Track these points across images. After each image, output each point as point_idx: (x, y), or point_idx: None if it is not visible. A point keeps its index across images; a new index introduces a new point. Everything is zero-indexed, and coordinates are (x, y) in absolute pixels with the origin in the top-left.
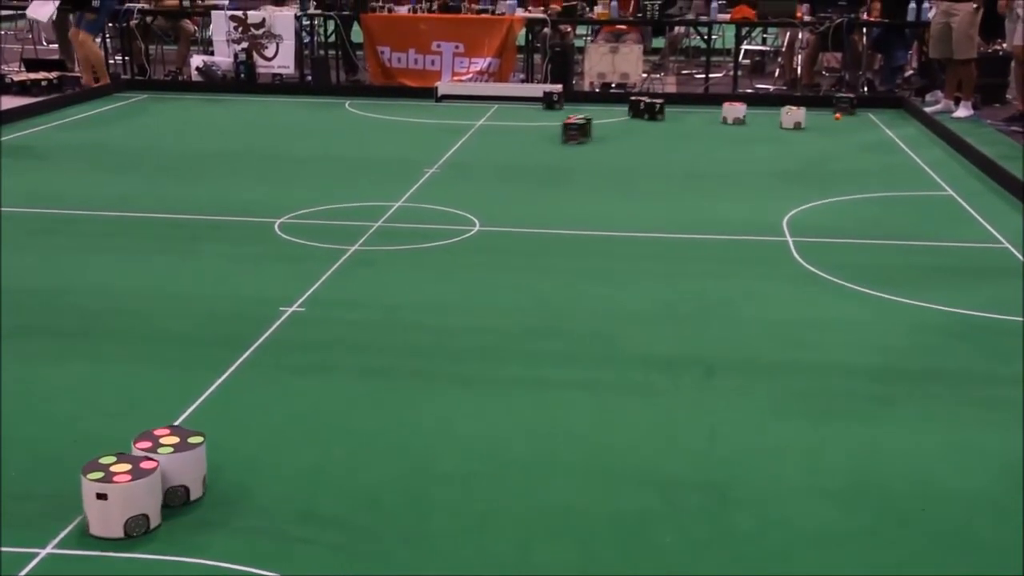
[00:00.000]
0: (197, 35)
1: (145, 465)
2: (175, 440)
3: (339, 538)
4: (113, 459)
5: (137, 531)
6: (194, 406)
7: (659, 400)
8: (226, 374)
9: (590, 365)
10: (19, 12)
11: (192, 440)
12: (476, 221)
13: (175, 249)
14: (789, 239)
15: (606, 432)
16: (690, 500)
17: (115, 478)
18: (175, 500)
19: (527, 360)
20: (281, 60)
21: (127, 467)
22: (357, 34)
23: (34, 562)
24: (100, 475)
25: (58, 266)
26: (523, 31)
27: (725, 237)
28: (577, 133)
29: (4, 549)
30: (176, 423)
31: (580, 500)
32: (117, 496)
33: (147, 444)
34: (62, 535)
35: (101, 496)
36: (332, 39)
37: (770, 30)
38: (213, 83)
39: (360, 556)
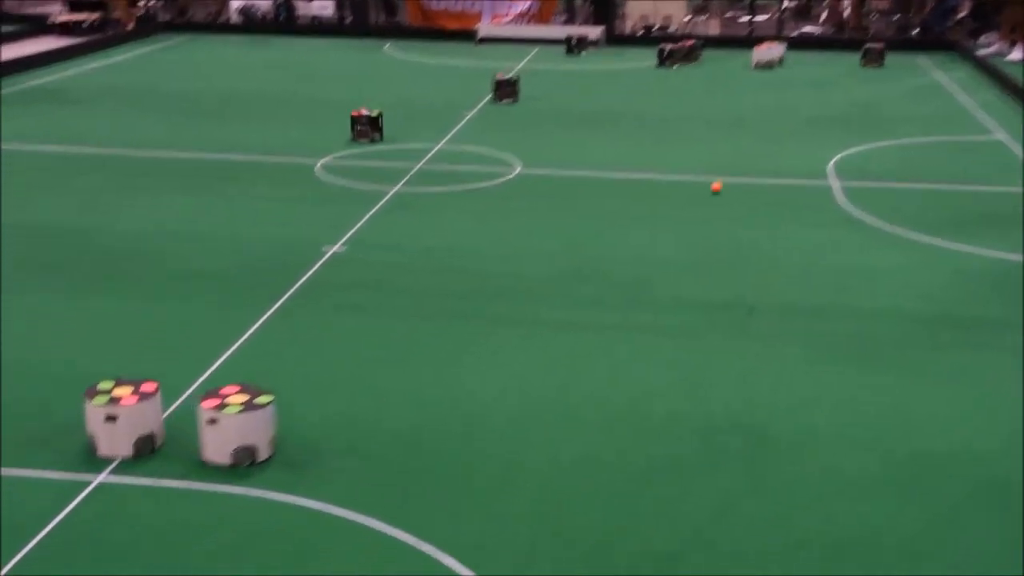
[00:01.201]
0: None
1: (260, 399)
2: (244, 398)
3: (378, 475)
4: (112, 383)
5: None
6: (235, 346)
7: (696, 345)
8: (267, 314)
9: (627, 309)
10: None
11: (261, 401)
12: (516, 164)
13: (215, 190)
14: (833, 184)
15: (642, 376)
16: (727, 445)
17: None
18: (244, 460)
19: (564, 303)
20: (320, 2)
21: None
22: None
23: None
24: (216, 403)
25: (100, 205)
26: None
27: (767, 181)
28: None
29: (48, 475)
30: (218, 362)
31: (615, 443)
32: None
33: (215, 402)
34: (113, 464)
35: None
36: None
37: None
38: (252, 25)
39: (398, 494)
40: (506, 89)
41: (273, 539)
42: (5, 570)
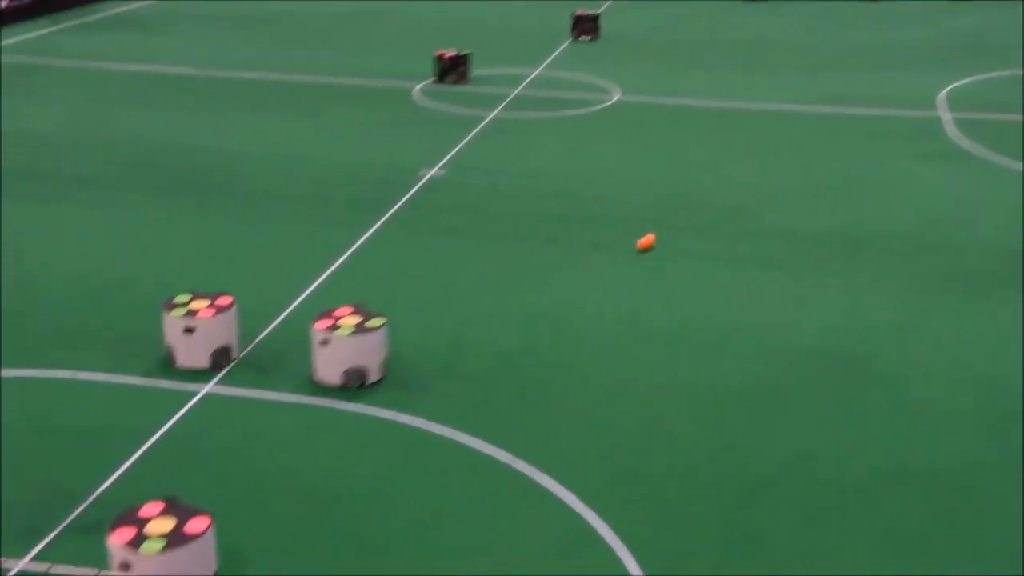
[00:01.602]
0: None
1: (372, 322)
2: (356, 320)
3: (477, 395)
4: (189, 296)
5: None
6: (334, 266)
7: (799, 274)
8: (365, 236)
9: (729, 237)
10: None
11: (372, 324)
12: (614, 91)
13: (312, 112)
14: (943, 115)
15: (742, 304)
16: (828, 373)
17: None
18: (354, 381)
19: (664, 231)
20: None
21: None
22: None
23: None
24: (329, 324)
25: (200, 124)
26: None
27: (876, 112)
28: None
29: (165, 384)
30: (317, 282)
31: (714, 370)
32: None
33: (327, 323)
34: (219, 376)
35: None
36: None
37: None
38: None
39: (498, 414)
40: (586, 25)
41: (374, 454)
42: (117, 474)
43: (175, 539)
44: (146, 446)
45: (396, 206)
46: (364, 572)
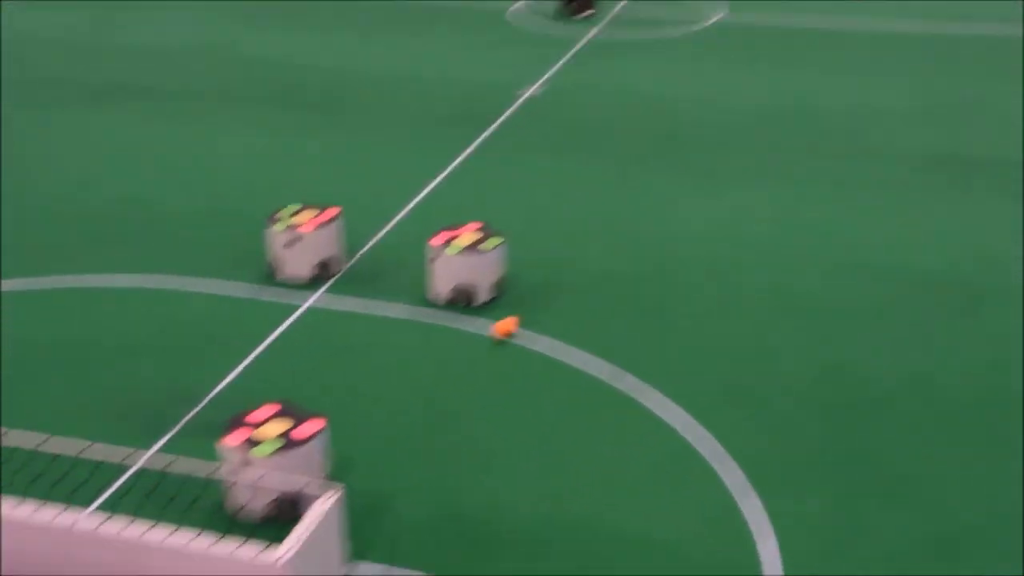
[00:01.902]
0: None
1: (486, 244)
2: (473, 239)
3: (581, 311)
4: (296, 208)
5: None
6: (432, 184)
7: (910, 196)
8: (463, 154)
9: (839, 158)
10: None
11: (486, 246)
12: (720, 9)
13: (409, 32)
14: None
15: (851, 224)
16: (944, 295)
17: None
18: (461, 299)
19: (772, 150)
20: None
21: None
22: None
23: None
24: (443, 240)
25: (309, 44)
26: None
27: (994, 31)
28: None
29: (271, 298)
30: (415, 200)
31: (820, 288)
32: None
33: (442, 239)
34: (322, 290)
35: (291, 243)
36: None
37: None
38: None
39: (603, 328)
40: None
41: (479, 368)
42: (227, 379)
43: (287, 442)
44: (253, 354)
45: (494, 125)
46: (469, 483)
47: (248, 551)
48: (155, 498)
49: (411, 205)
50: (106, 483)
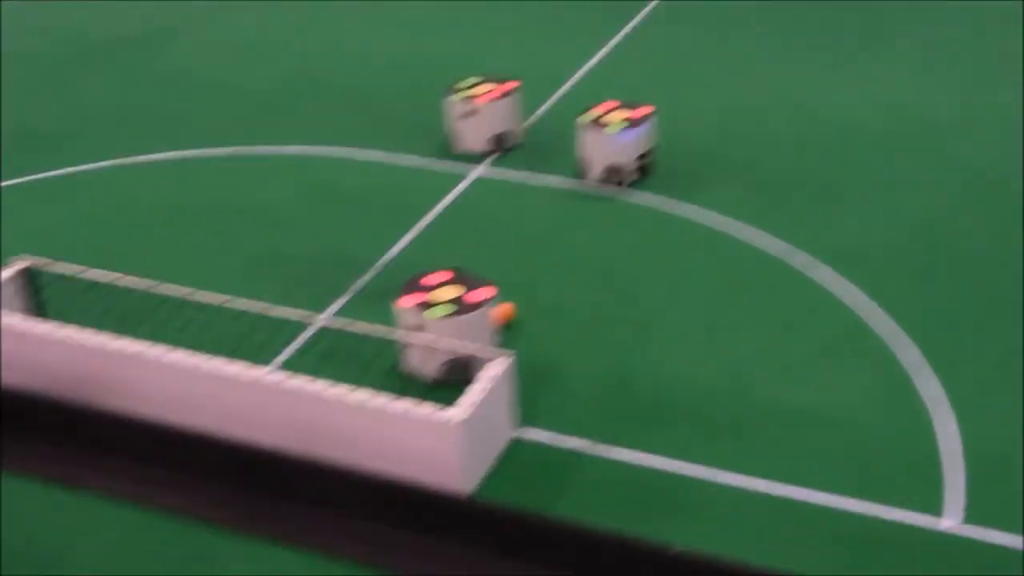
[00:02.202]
0: None
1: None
2: (624, 115)
3: (750, 185)
4: (476, 80)
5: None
6: (596, 57)
7: None
8: (624, 29)
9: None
10: None
11: (628, 122)
12: None
13: None
14: None
15: None
16: None
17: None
18: (613, 178)
19: (946, 22)
20: None
21: (490, 87)
22: None
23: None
24: (465, 94)
25: None
26: None
27: None
28: None
29: (441, 166)
30: (579, 73)
31: (1008, 168)
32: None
33: (594, 114)
34: (490, 159)
35: (468, 114)
36: None
37: None
38: None
39: (772, 203)
40: None
41: (646, 241)
42: (399, 245)
43: (460, 307)
44: (424, 222)
45: (652, 4)
46: (636, 354)
47: (424, 410)
48: (332, 358)
49: (570, 82)
50: (285, 344)
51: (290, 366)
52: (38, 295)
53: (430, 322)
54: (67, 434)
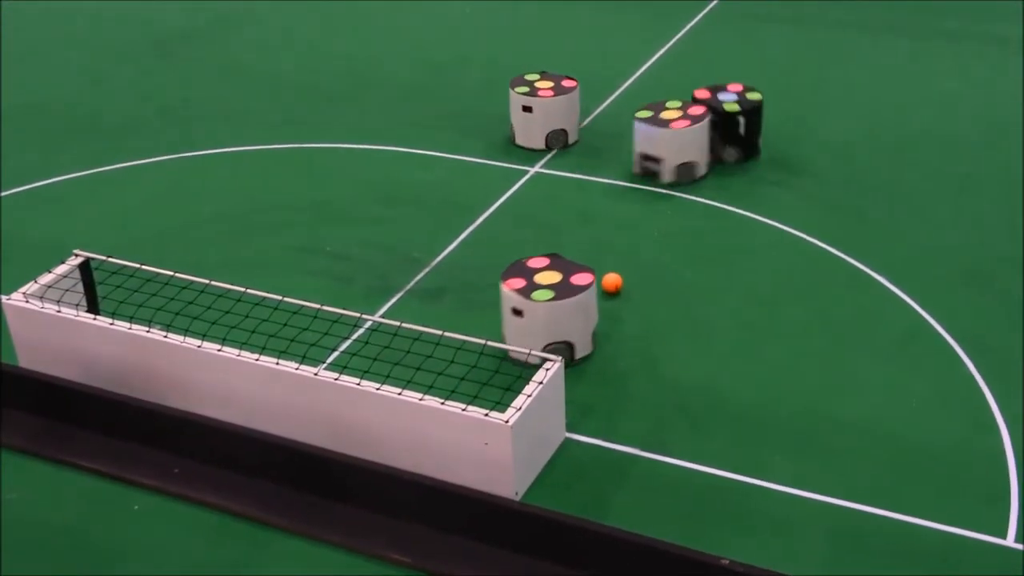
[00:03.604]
0: None
1: (566, 83)
2: (677, 112)
3: (813, 187)
4: (537, 76)
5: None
6: (662, 51)
7: None
8: (691, 23)
9: None
10: None
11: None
12: None
13: None
14: None
15: None
16: None
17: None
18: (685, 178)
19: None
20: None
21: (551, 83)
22: None
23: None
24: (526, 89)
25: None
26: None
27: None
28: None
29: (498, 164)
30: (645, 66)
31: None
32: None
33: (649, 115)
34: (548, 157)
35: (527, 109)
36: None
37: None
38: None
39: (833, 206)
40: None
41: (704, 240)
42: (453, 244)
43: (562, 290)
44: (480, 220)
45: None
46: (692, 361)
47: (476, 412)
48: (384, 358)
49: (634, 77)
50: (337, 342)
51: (341, 365)
52: (94, 289)
53: (534, 304)
54: (116, 428)
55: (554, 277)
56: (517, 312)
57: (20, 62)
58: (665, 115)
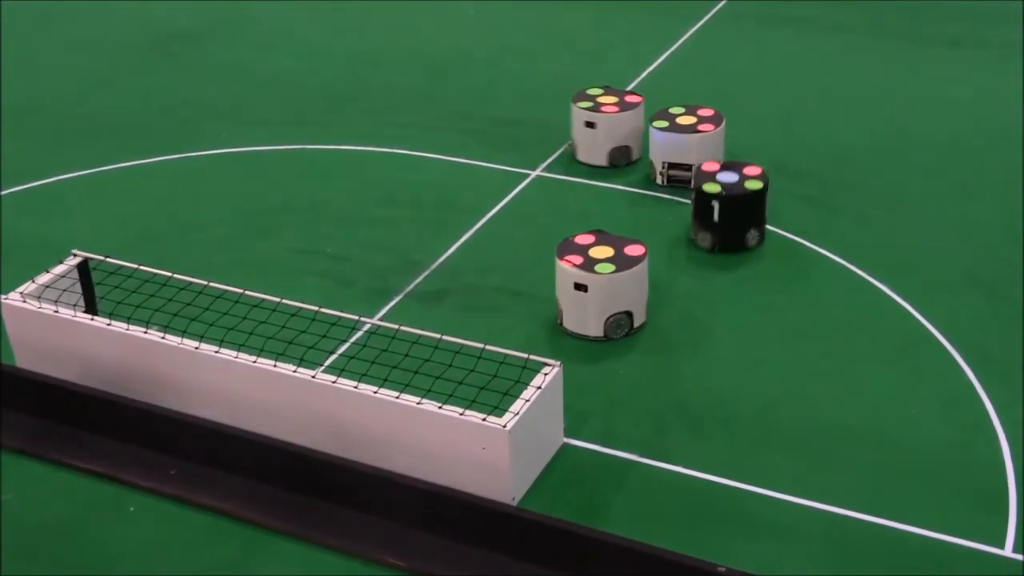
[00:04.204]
0: None
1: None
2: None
3: (812, 191)
4: (600, 91)
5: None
6: (666, 54)
7: None
8: (696, 26)
9: None
10: None
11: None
12: None
13: None
14: None
15: None
16: None
17: (603, 108)
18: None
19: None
20: None
21: (614, 99)
22: None
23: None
24: (588, 104)
25: None
26: None
27: None
28: None
29: (499, 167)
30: (648, 70)
31: None
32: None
33: (665, 124)
34: (550, 160)
35: (590, 125)
36: None
37: None
38: None
39: (833, 210)
40: None
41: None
42: (453, 247)
43: (620, 261)
44: (479, 224)
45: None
46: (690, 366)
47: (474, 416)
48: (382, 361)
49: (640, 78)
50: (335, 345)
51: (340, 367)
52: (92, 289)
53: (600, 277)
54: (113, 429)
55: (607, 251)
56: (581, 287)
57: (22, 62)
58: (682, 121)
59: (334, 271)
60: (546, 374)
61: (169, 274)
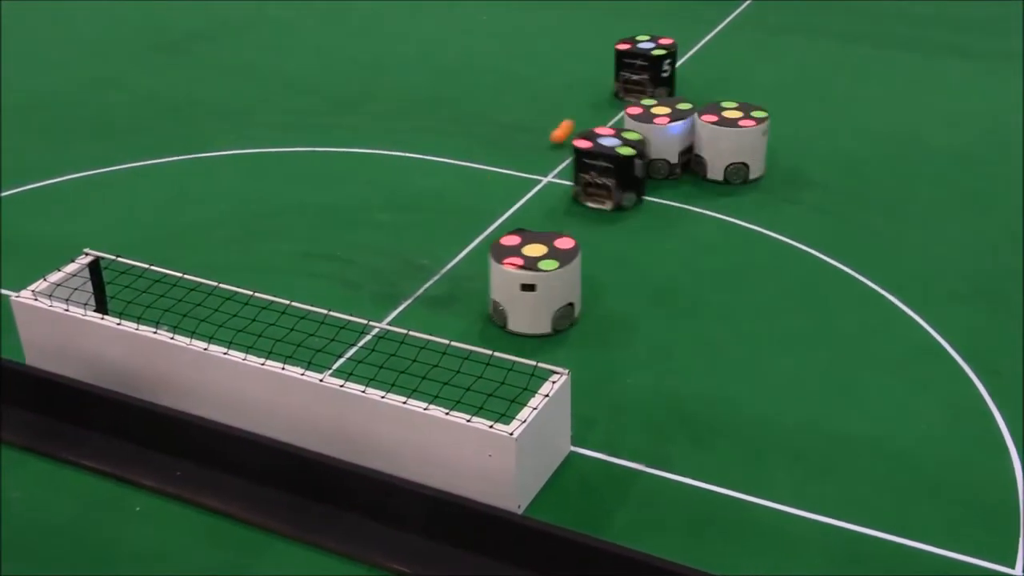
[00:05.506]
0: None
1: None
2: (737, 115)
3: (822, 201)
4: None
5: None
6: (679, 63)
7: None
8: (710, 35)
9: None
10: None
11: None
12: None
13: None
14: None
15: None
16: None
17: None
18: (736, 178)
19: None
20: None
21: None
22: None
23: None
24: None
25: None
26: None
27: None
28: None
29: (510, 172)
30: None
31: None
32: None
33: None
34: (561, 167)
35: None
36: None
37: None
38: None
39: (842, 220)
40: None
41: (711, 250)
42: (463, 253)
43: (559, 256)
44: (491, 229)
45: (743, 5)
46: (697, 376)
47: (480, 423)
48: (390, 366)
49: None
50: (343, 349)
51: (347, 371)
52: (102, 289)
53: (544, 275)
54: (120, 429)
55: (541, 249)
56: (528, 287)
57: (27, 62)
58: (727, 115)
59: (342, 275)
60: (554, 382)
61: (180, 275)
